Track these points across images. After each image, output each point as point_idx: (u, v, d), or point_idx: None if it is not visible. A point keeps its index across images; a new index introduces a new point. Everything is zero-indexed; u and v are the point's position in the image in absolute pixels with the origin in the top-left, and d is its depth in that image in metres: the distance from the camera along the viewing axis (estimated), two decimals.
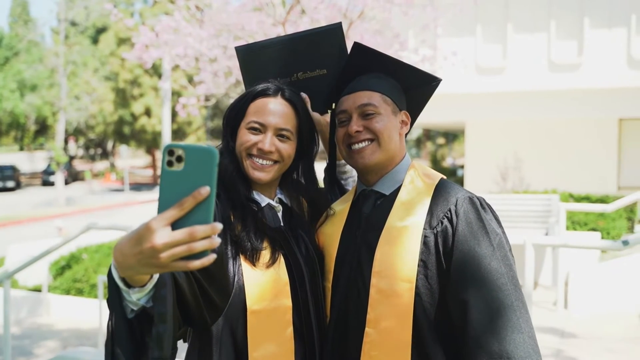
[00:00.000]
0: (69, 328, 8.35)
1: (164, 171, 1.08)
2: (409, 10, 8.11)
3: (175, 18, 7.88)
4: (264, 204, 1.82)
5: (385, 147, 1.80)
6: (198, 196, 1.06)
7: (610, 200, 11.16)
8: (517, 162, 14.12)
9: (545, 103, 14.00)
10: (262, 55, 1.98)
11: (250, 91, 1.83)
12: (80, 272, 9.43)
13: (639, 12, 13.12)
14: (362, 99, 1.81)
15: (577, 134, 15.03)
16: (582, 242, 4.31)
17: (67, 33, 36.53)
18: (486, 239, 1.66)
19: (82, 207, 27.67)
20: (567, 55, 13.64)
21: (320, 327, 1.78)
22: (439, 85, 1.95)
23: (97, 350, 5.58)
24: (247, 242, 1.70)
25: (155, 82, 35.16)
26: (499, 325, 1.55)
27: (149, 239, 1.07)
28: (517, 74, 13.83)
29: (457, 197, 1.72)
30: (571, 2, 13.55)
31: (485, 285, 1.60)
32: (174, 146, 1.08)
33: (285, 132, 1.79)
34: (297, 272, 1.76)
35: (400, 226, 1.73)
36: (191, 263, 1.08)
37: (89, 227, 4.72)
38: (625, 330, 6.27)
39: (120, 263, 1.17)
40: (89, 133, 42.54)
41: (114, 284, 1.27)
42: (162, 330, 1.32)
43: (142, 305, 1.30)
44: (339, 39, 1.99)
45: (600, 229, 9.78)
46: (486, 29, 14.10)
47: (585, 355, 5.54)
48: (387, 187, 1.84)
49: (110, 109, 37.01)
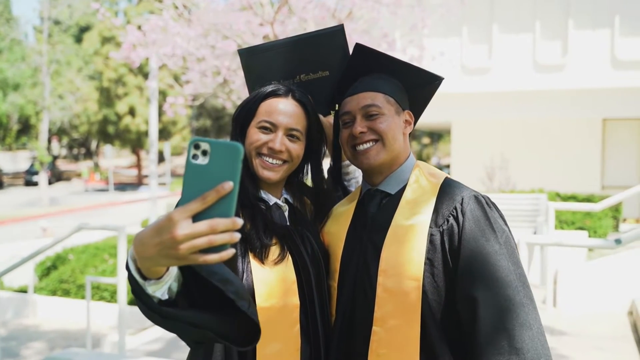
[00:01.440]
0: (56, 329, 8.29)
1: (189, 164, 1.10)
2: (397, 10, 8.13)
3: (163, 17, 7.83)
4: (272, 203, 1.84)
5: (390, 147, 1.81)
6: (221, 190, 1.07)
7: (595, 199, 11.27)
8: (504, 162, 14.22)
9: (530, 103, 14.12)
10: (264, 58, 1.99)
11: (261, 91, 1.83)
12: (67, 272, 9.36)
13: (622, 13, 13.27)
14: (366, 100, 1.82)
15: (562, 134, 15.16)
16: (576, 240, 4.36)
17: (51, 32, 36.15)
18: (493, 236, 1.67)
19: (66, 207, 27.44)
20: (552, 55, 13.76)
21: (325, 327, 1.79)
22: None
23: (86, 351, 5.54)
24: (256, 240, 1.71)
25: (140, 82, 34.96)
26: (509, 322, 1.56)
27: (169, 230, 1.08)
28: (503, 74, 13.93)
29: (462, 196, 1.73)
30: (556, 4, 13.67)
31: (494, 282, 1.61)
32: (200, 140, 1.10)
33: (296, 132, 1.81)
34: (303, 271, 1.77)
35: (406, 225, 1.74)
36: (210, 256, 1.09)
37: (81, 227, 4.68)
38: (614, 328, 6.34)
39: (140, 253, 1.18)
40: (72, 133, 42.21)
41: (131, 276, 1.29)
42: (233, 289, 1.37)
43: (158, 299, 1.32)
44: (341, 41, 2.00)
45: (587, 228, 9.89)
46: (472, 30, 14.18)
47: (575, 353, 5.59)
48: (393, 186, 1.85)
49: (95, 109, 36.73)
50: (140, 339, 6.86)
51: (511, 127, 15.40)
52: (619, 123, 15.37)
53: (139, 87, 35.38)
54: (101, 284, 8.69)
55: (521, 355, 1.53)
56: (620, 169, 15.22)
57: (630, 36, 13.25)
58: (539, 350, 1.55)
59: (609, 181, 15.20)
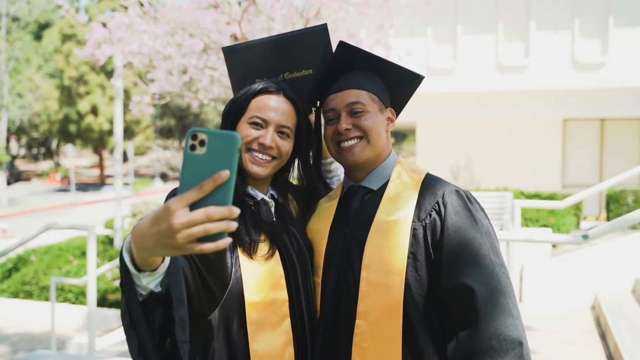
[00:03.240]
0: (19, 332, 8.12)
1: (187, 155, 1.11)
2: (365, 10, 8.17)
3: (129, 14, 7.73)
4: (259, 198, 1.86)
5: (374, 144, 1.84)
6: (218, 179, 1.08)
7: (558, 197, 11.51)
8: (468, 161, 14.40)
9: (494, 103, 14.34)
10: (248, 56, 2.00)
11: (252, 87, 1.85)
12: (29, 274, 9.17)
13: (582, 16, 13.57)
14: (350, 98, 1.84)
15: (524, 134, 15.43)
16: (544, 237, 4.44)
17: (9, 28, 35.35)
18: (475, 227, 1.71)
19: (26, 207, 26.84)
20: (515, 57, 14.00)
21: (311, 322, 1.81)
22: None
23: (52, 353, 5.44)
24: (245, 235, 1.73)
25: (102, 80, 34.40)
26: (493, 309, 1.61)
27: (167, 219, 1.09)
28: (467, 75, 14.12)
29: (444, 191, 1.77)
30: (518, 6, 13.91)
31: (477, 271, 1.65)
32: (197, 130, 1.11)
33: (286, 129, 1.83)
34: (290, 267, 1.79)
35: (389, 220, 1.77)
36: (206, 245, 1.10)
37: (49, 226, 4.59)
38: (578, 323, 6.49)
39: (138, 243, 1.19)
40: (32, 132, 41.30)
41: (124, 268, 1.30)
42: (183, 313, 1.37)
43: (151, 290, 1.33)
44: (325, 40, 2.01)
45: (550, 225, 10.11)
46: (437, 31, 14.34)
47: (542, 348, 5.71)
48: (375, 182, 1.88)
49: (55, 107, 35.97)
50: (108, 340, 6.76)
51: (475, 126, 15.61)
52: (579, 123, 15.72)
53: (101, 86, 34.81)
54: (65, 285, 8.53)
55: (504, 341, 1.58)
56: (580, 168, 15.58)
57: (589, 38, 13.57)
58: (521, 336, 1.61)
59: (570, 180, 15.53)
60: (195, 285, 1.53)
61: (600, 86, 13.45)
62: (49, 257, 9.72)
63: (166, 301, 1.39)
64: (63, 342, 7.29)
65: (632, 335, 5.32)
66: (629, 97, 13.62)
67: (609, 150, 15.67)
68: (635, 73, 13.26)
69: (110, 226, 14.53)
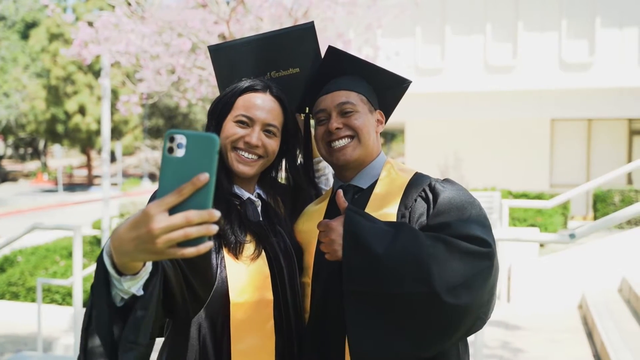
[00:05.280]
0: (5, 334, 8.03)
1: (165, 158, 1.08)
2: (353, 9, 8.17)
3: (116, 14, 7.68)
4: (245, 198, 1.84)
5: (365, 143, 1.86)
6: (197, 182, 1.05)
7: (545, 197, 11.57)
8: (457, 161, 14.46)
9: (482, 104, 14.39)
10: (234, 54, 1.99)
11: (238, 85, 1.83)
12: (16, 275, 9.07)
13: (569, 17, 13.65)
14: (341, 98, 1.87)
15: (512, 134, 15.51)
16: (531, 236, 4.45)
17: None
18: (466, 195, 1.74)
19: (13, 208, 26.63)
20: (503, 57, 14.06)
21: (298, 322, 1.79)
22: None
23: (38, 355, 5.40)
24: (231, 235, 1.71)
25: (89, 80, 34.17)
26: (469, 221, 1.64)
27: (146, 224, 1.07)
28: (455, 75, 14.16)
29: (430, 180, 1.81)
30: (506, 7, 13.97)
31: (458, 215, 1.66)
32: (175, 132, 1.08)
33: (272, 128, 1.81)
34: (276, 267, 1.77)
35: (377, 215, 1.76)
36: (187, 250, 1.07)
37: (34, 226, 4.54)
38: (565, 322, 6.52)
39: (117, 248, 1.16)
40: (19, 132, 40.94)
41: (103, 272, 1.26)
42: (140, 315, 1.30)
43: (133, 294, 1.29)
44: (312, 38, 2.01)
45: (538, 225, 10.16)
46: (425, 31, 14.37)
47: (530, 346, 5.73)
48: (365, 181, 1.90)
49: (42, 107, 35.68)
50: None
51: (464, 127, 15.67)
52: (566, 123, 15.82)
53: (89, 85, 34.57)
54: (52, 286, 8.46)
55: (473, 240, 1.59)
56: (568, 168, 15.67)
57: (576, 39, 13.65)
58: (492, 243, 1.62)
59: (557, 180, 15.63)
60: (178, 286, 1.51)
61: (588, 86, 13.54)
62: (36, 257, 9.63)
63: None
64: (50, 344, 7.22)
65: (619, 334, 5.35)
66: (616, 97, 13.72)
67: (597, 150, 15.78)
68: (622, 73, 13.36)
69: (98, 227, 14.42)
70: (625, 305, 6.41)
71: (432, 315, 1.53)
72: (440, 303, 1.50)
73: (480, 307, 1.58)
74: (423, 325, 1.54)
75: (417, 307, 1.53)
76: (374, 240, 1.56)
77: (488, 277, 1.57)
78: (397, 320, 1.55)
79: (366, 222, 1.60)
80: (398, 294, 1.54)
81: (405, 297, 1.53)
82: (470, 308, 1.54)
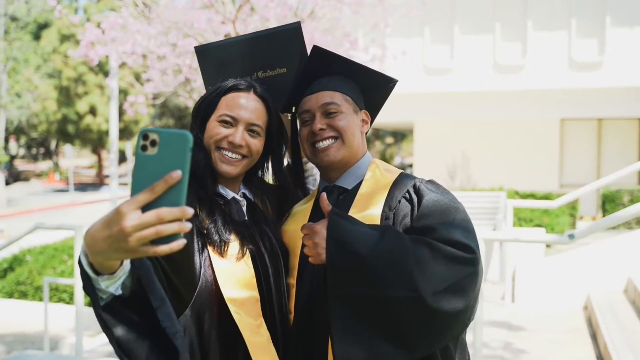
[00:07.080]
0: (13, 332, 8.10)
1: (138, 155, 1.09)
2: (359, 9, 8.16)
3: (122, 14, 7.72)
4: (229, 197, 1.84)
5: (349, 144, 1.86)
6: (169, 180, 1.06)
7: (553, 197, 11.51)
8: (465, 160, 14.41)
9: (490, 103, 14.34)
10: (221, 55, 2.00)
11: (222, 85, 1.83)
12: (24, 274, 9.15)
13: (578, 16, 13.57)
14: (325, 98, 1.86)
15: (521, 134, 15.43)
16: (532, 236, 4.44)
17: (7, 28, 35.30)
18: (449, 198, 1.73)
19: (25, 208, 26.83)
20: (512, 56, 14.00)
21: (283, 323, 1.79)
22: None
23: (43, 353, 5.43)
24: (215, 235, 1.71)
25: (100, 80, 34.36)
26: (453, 226, 1.63)
27: (118, 222, 1.07)
28: (464, 75, 14.12)
29: (414, 181, 1.80)
30: (515, 6, 13.91)
31: (442, 218, 1.65)
32: (148, 130, 1.09)
33: (256, 127, 1.81)
34: (262, 266, 1.77)
35: (361, 217, 1.76)
36: (160, 247, 1.08)
37: (36, 226, 4.58)
38: (570, 323, 6.48)
39: (91, 247, 1.17)
40: (31, 132, 41.25)
41: (84, 272, 1.27)
42: (167, 310, 1.36)
43: (112, 294, 1.30)
44: (298, 38, 2.01)
45: (544, 225, 10.11)
46: (434, 30, 14.34)
47: (533, 347, 5.70)
48: (349, 182, 1.89)
49: (54, 107, 35.93)
50: (100, 340, 6.75)
51: (472, 126, 15.62)
52: (576, 123, 15.73)
53: (99, 86, 34.76)
54: (60, 286, 8.52)
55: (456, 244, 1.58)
56: (578, 168, 15.58)
57: (586, 38, 13.57)
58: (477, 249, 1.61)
59: (567, 180, 15.54)
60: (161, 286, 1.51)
61: (598, 86, 13.46)
62: (44, 257, 9.69)
63: (140, 302, 1.36)
64: (56, 343, 7.27)
65: (622, 335, 5.32)
66: (626, 96, 13.63)
67: (607, 150, 15.68)
68: (633, 72, 13.27)
69: None
70: (630, 306, 6.36)
71: (417, 319, 1.53)
72: (425, 306, 1.51)
73: (465, 312, 1.57)
74: (407, 329, 1.54)
75: (402, 311, 1.53)
76: (357, 243, 1.56)
77: (473, 282, 1.57)
78: (381, 323, 1.55)
79: (350, 226, 1.60)
80: (382, 298, 1.54)
81: (389, 300, 1.53)
82: (455, 312, 1.54)
